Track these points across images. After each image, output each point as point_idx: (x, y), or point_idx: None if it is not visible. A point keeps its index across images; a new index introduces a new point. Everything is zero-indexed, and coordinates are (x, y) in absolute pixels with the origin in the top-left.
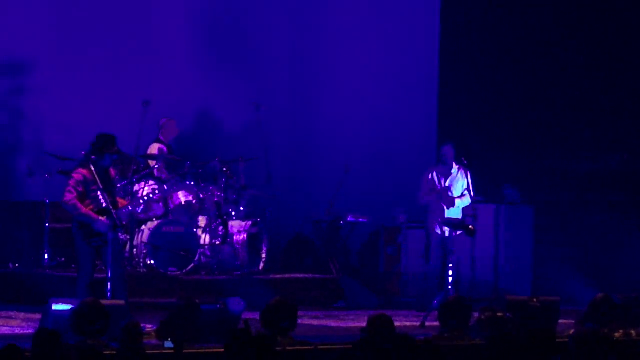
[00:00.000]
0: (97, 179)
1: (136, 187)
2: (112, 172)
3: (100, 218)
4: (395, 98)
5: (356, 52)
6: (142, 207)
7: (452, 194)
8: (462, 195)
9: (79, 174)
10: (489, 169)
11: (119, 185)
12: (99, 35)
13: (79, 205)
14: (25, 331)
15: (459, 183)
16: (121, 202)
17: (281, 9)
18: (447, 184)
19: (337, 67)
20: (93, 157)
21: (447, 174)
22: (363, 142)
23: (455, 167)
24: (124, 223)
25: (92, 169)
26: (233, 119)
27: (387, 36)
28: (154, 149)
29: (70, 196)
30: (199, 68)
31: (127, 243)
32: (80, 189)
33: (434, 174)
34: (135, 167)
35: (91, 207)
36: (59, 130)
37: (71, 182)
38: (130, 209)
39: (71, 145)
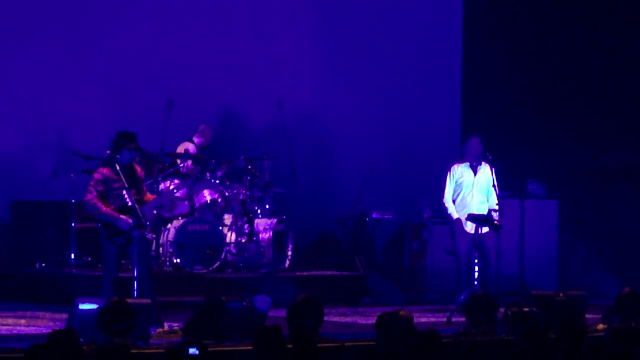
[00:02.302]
0: (122, 176)
1: (161, 186)
2: (138, 169)
3: (122, 216)
4: (419, 94)
5: (378, 48)
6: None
7: (477, 189)
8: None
9: (100, 173)
10: (513, 164)
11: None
12: (124, 34)
13: (99, 204)
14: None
15: (485, 178)
16: (149, 197)
17: (304, 7)
18: (474, 177)
19: (359, 63)
20: (114, 154)
21: (474, 167)
22: (387, 138)
23: (482, 162)
24: (147, 220)
25: (116, 167)
26: (257, 117)
27: (409, 32)
28: (184, 146)
29: (90, 196)
30: (223, 67)
31: (152, 242)
32: (100, 188)
33: (463, 168)
34: (160, 166)
35: (112, 206)
36: (84, 129)
37: (91, 182)
38: (161, 202)
39: (96, 144)
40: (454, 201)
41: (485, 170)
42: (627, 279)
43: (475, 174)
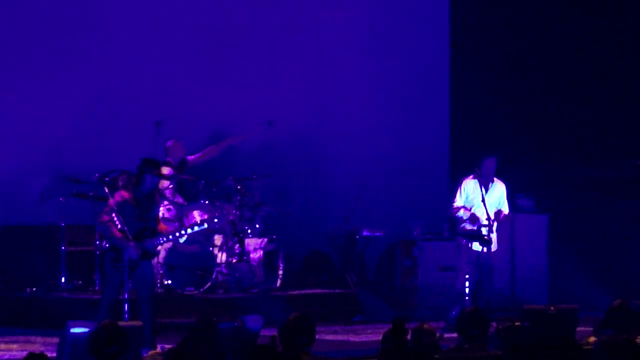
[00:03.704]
0: (133, 203)
1: None
2: (157, 197)
3: (131, 244)
4: (408, 112)
5: (368, 68)
6: (185, 238)
7: (487, 206)
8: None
9: (121, 196)
10: (503, 179)
11: None
12: (112, 56)
13: (113, 228)
14: None
15: (495, 196)
16: (163, 228)
17: (293, 26)
18: (484, 195)
19: (349, 82)
20: (107, 179)
21: (487, 185)
22: (377, 156)
23: (495, 179)
24: (154, 251)
25: (131, 192)
26: (247, 137)
27: (398, 51)
28: (163, 171)
29: (106, 217)
30: (212, 86)
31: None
32: (118, 211)
33: (475, 184)
34: None
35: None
36: (74, 152)
37: (111, 202)
38: (172, 238)
39: (86, 167)
40: (461, 219)
41: (496, 189)
42: (618, 292)
43: (486, 192)
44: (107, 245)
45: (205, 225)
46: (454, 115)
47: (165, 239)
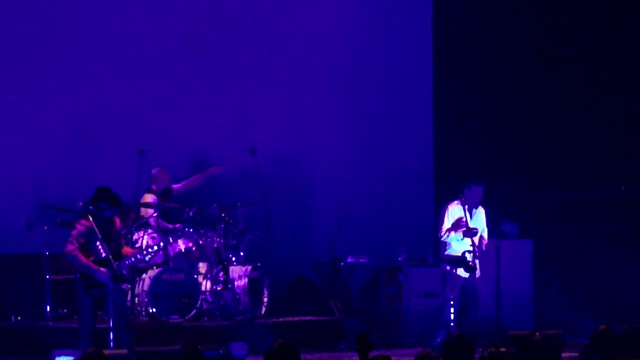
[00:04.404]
0: (96, 229)
1: (135, 236)
2: (117, 221)
3: (101, 269)
4: (391, 138)
5: (351, 93)
6: (150, 256)
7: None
8: (481, 235)
9: (82, 225)
10: (487, 205)
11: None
12: (95, 85)
13: (80, 256)
14: None
15: (478, 222)
16: (127, 250)
17: (275, 53)
18: (469, 221)
19: (332, 109)
20: (91, 208)
21: (471, 212)
22: (361, 182)
23: (479, 207)
24: (124, 273)
25: (91, 219)
26: (230, 165)
27: (381, 76)
28: (147, 198)
29: (71, 247)
30: (194, 115)
31: (128, 292)
32: (82, 240)
33: (460, 210)
34: (134, 216)
35: (92, 258)
36: (57, 181)
37: (74, 232)
38: (140, 257)
39: (69, 196)
40: (449, 244)
41: (479, 215)
42: (603, 317)
43: (471, 218)
44: (77, 274)
45: (162, 244)
46: (437, 141)
47: (133, 259)
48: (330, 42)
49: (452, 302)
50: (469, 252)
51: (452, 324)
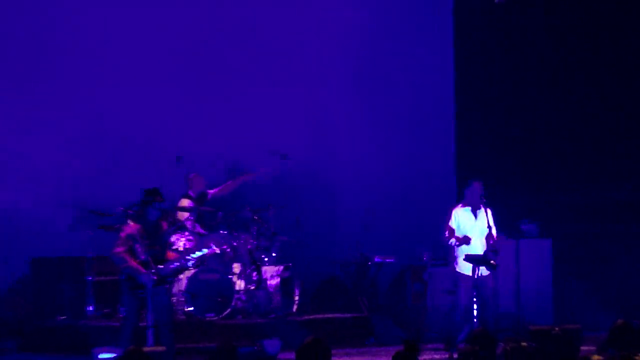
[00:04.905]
0: (142, 233)
1: (172, 239)
2: (164, 225)
3: (144, 271)
4: (415, 143)
5: (375, 101)
6: (192, 262)
7: (478, 232)
8: (488, 233)
9: (130, 227)
10: (507, 206)
11: None
12: (135, 97)
13: (127, 258)
14: None
15: (483, 220)
16: (171, 255)
17: (303, 67)
18: (474, 221)
19: (355, 115)
20: (131, 212)
21: (474, 211)
22: (386, 186)
23: (481, 206)
24: (166, 276)
25: (138, 223)
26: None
27: (404, 84)
28: (183, 203)
29: (119, 249)
30: (227, 123)
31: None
32: (130, 242)
33: (464, 211)
34: (171, 220)
35: (138, 260)
36: (99, 187)
37: (122, 235)
38: (183, 262)
39: (110, 201)
40: (455, 247)
41: (483, 214)
42: (620, 312)
43: (475, 218)
44: (124, 275)
45: (206, 251)
46: (459, 144)
47: (177, 264)
48: (354, 52)
49: (474, 299)
50: (492, 251)
51: (475, 320)
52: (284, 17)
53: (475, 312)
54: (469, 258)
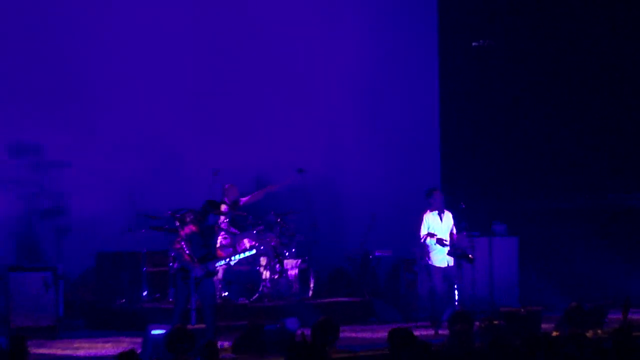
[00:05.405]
0: (199, 234)
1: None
2: (216, 229)
3: (197, 265)
4: (407, 158)
5: (374, 122)
6: (235, 262)
7: (443, 232)
8: (450, 232)
9: (189, 228)
10: (482, 209)
11: None
12: (178, 118)
13: (183, 253)
14: None
15: (447, 223)
16: (220, 254)
17: (317, 90)
18: (440, 223)
19: (359, 136)
20: (178, 215)
21: (440, 215)
22: (385, 194)
23: (444, 210)
24: (213, 270)
25: (197, 226)
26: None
27: (393, 106)
28: (220, 208)
29: (178, 245)
30: (257, 142)
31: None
32: (188, 240)
33: (433, 215)
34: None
35: (193, 255)
36: (149, 194)
37: (182, 233)
38: (228, 261)
39: (158, 205)
40: (428, 245)
41: (447, 217)
42: (574, 297)
43: (441, 220)
44: (177, 266)
45: (254, 251)
46: (444, 160)
47: (223, 261)
48: (351, 76)
49: (456, 287)
50: (470, 247)
51: (456, 303)
52: (300, 55)
53: (456, 297)
54: (452, 253)
